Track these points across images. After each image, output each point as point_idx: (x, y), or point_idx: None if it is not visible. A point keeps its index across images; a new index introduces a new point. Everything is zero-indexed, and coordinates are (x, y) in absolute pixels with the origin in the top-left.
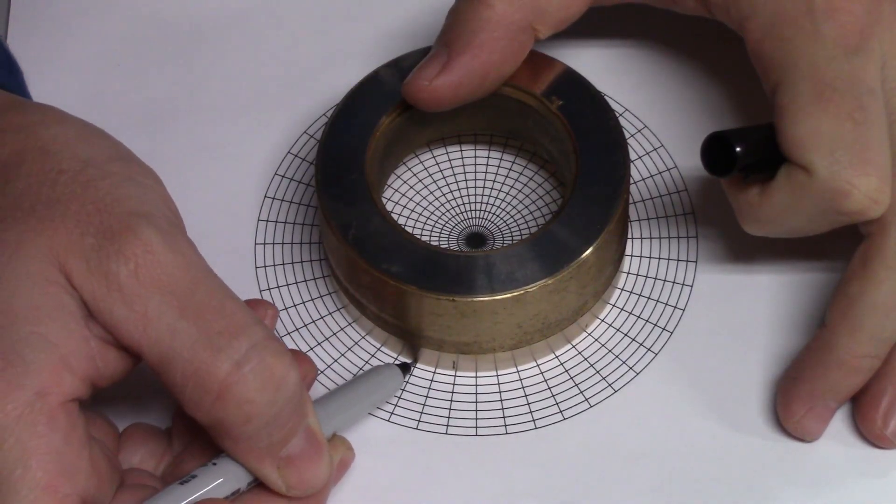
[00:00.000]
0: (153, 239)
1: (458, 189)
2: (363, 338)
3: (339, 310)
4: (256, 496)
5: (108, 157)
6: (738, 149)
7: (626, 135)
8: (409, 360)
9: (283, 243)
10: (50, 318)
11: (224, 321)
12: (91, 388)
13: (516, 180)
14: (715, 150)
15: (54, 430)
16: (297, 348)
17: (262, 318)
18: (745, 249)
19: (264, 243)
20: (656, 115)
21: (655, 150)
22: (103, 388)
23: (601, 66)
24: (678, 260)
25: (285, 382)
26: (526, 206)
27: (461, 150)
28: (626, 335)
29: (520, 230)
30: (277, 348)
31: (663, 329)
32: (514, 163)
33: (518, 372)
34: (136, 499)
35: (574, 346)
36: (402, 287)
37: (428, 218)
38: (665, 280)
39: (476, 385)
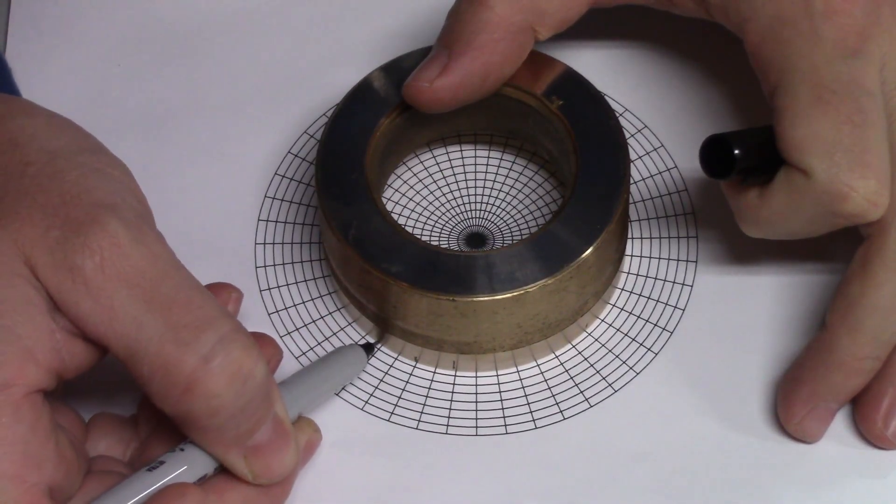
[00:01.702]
0: (120, 231)
1: (458, 189)
2: (363, 337)
3: (339, 310)
4: (223, 481)
5: (76, 148)
6: (736, 151)
7: (626, 135)
8: (373, 341)
9: (283, 243)
10: (15, 310)
11: (191, 314)
12: (56, 380)
13: (516, 180)
14: (714, 153)
15: (19, 420)
16: (264, 332)
17: (226, 302)
18: (745, 250)
19: (264, 243)
20: (656, 115)
21: (655, 150)
22: (70, 378)
23: (601, 66)
24: (678, 260)
25: (252, 376)
26: (526, 206)
27: (461, 150)
28: (626, 335)
29: (520, 230)
30: (245, 341)
31: (663, 329)
32: (514, 163)
33: (518, 372)
34: (104, 485)
35: (574, 346)
36: (402, 287)
37: (428, 218)
38: (665, 280)
39: (476, 385)
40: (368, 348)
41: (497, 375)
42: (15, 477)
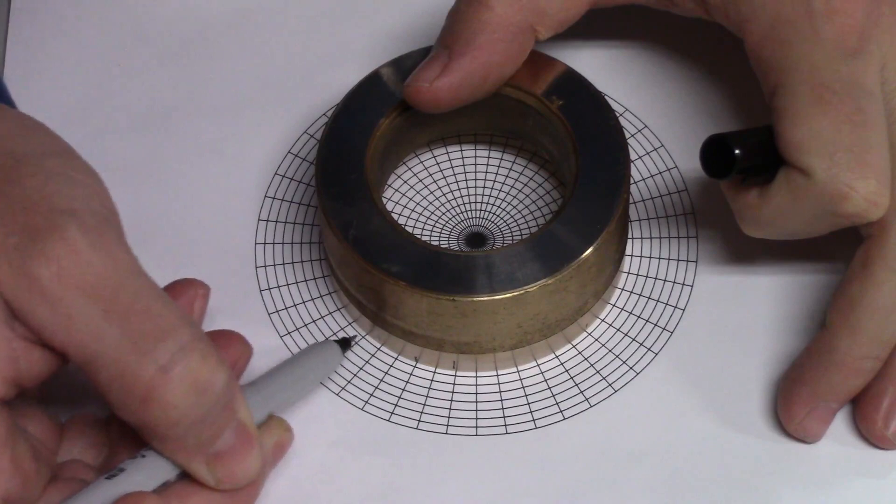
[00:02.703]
0: (78, 239)
1: (458, 189)
2: (363, 337)
3: (339, 310)
4: (186, 487)
5: (42, 152)
6: (736, 151)
7: (626, 135)
8: (349, 336)
9: (283, 243)
10: None
11: (150, 323)
12: (15, 389)
13: (516, 180)
14: (714, 153)
15: None
16: (231, 329)
17: (193, 299)
18: (745, 250)
19: (264, 243)
20: (656, 115)
21: (655, 150)
22: (31, 387)
23: (601, 66)
24: (678, 260)
25: (211, 385)
26: (526, 206)
27: (461, 150)
28: (626, 335)
29: (520, 230)
30: (204, 350)
31: (663, 329)
32: (514, 163)
33: (518, 372)
34: (66, 493)
35: (574, 346)
36: (402, 287)
37: (428, 218)
38: (665, 280)
39: (476, 385)
40: (344, 344)
41: (497, 375)
42: None
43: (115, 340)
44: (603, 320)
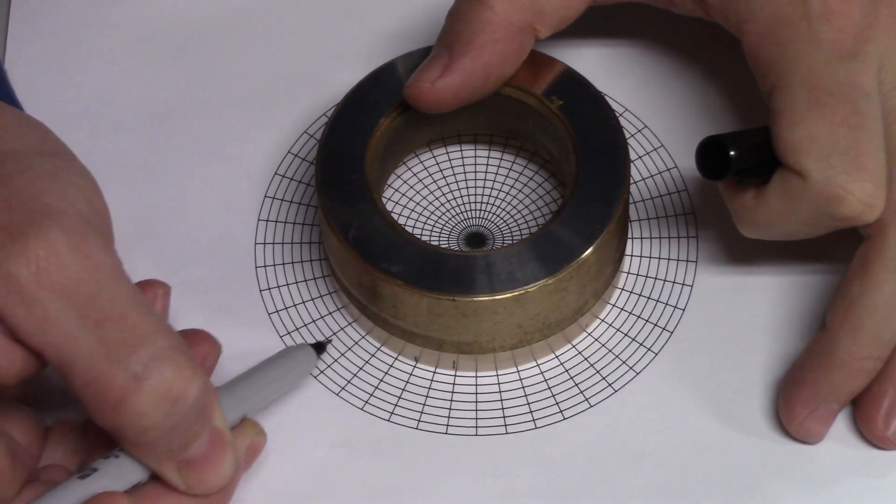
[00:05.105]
0: (60, 240)
1: (458, 189)
2: (363, 337)
3: (339, 310)
4: (157, 489)
5: (35, 151)
6: (732, 153)
7: (626, 135)
8: (324, 340)
9: (283, 243)
10: None
11: (125, 331)
12: None
13: (516, 180)
14: (710, 154)
15: None
16: (199, 328)
17: (153, 300)
18: (745, 250)
19: (264, 243)
20: (656, 115)
21: (655, 150)
22: (10, 385)
23: (601, 66)
24: (678, 260)
25: (184, 396)
26: (526, 206)
27: (461, 150)
28: (626, 335)
29: (520, 230)
30: (178, 360)
31: (663, 329)
32: (514, 163)
33: (518, 372)
34: (40, 494)
35: (574, 346)
36: (402, 287)
37: (428, 218)
38: (665, 280)
39: (476, 385)
40: (319, 348)
41: (497, 375)
42: None
43: (90, 346)
44: (603, 320)
